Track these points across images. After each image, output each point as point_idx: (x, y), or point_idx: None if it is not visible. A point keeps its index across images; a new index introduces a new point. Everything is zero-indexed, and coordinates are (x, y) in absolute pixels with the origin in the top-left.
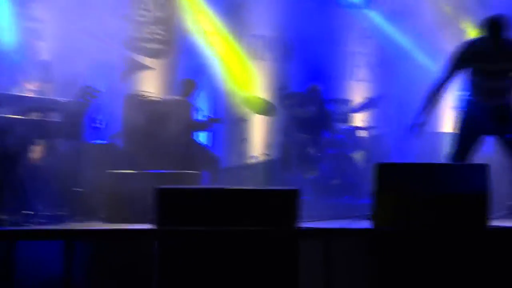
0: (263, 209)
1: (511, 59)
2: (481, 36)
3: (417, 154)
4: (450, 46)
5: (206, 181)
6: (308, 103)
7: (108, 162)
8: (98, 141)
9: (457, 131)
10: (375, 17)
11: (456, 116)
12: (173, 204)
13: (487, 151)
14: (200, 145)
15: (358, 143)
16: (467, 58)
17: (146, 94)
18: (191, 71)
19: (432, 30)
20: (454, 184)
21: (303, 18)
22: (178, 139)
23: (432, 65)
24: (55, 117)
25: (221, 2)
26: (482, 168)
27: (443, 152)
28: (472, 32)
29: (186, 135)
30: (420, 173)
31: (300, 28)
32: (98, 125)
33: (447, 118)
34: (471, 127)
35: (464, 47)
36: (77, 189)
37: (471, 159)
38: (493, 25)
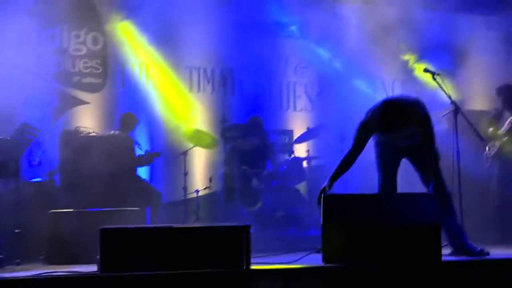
0: (213, 248)
1: (409, 126)
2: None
3: (359, 184)
4: (382, 68)
5: (148, 217)
6: (249, 134)
7: (47, 201)
8: (36, 179)
9: (377, 159)
10: (311, 45)
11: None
12: (117, 245)
13: None
14: (141, 180)
15: (301, 173)
16: (371, 127)
17: (83, 129)
18: (128, 104)
19: (363, 54)
20: (404, 214)
21: (241, 48)
22: (119, 175)
23: (369, 89)
24: None
25: (157, 33)
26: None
27: None
28: (405, 55)
29: (127, 171)
30: (368, 204)
31: (239, 59)
32: (35, 162)
33: None
34: (387, 152)
35: (368, 117)
36: (15, 230)
37: (395, 184)
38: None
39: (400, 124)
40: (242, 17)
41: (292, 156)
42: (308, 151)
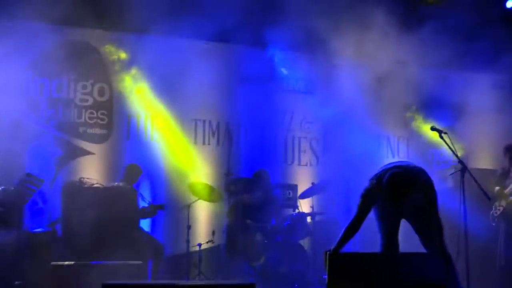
0: None
1: (413, 193)
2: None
3: (363, 240)
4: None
5: (149, 270)
6: (254, 188)
7: (48, 252)
8: (38, 230)
9: (378, 220)
10: (316, 100)
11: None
12: None
13: None
14: (144, 232)
15: (305, 229)
16: (376, 196)
17: (87, 180)
18: (133, 155)
19: (369, 110)
20: (410, 274)
21: (246, 102)
22: (121, 227)
23: (374, 146)
24: None
25: (162, 86)
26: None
27: None
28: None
29: (129, 223)
30: (373, 263)
31: (244, 113)
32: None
33: None
34: (389, 213)
35: (372, 185)
36: (16, 282)
37: (397, 244)
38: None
39: (405, 193)
40: (248, 70)
41: (297, 211)
42: (312, 206)
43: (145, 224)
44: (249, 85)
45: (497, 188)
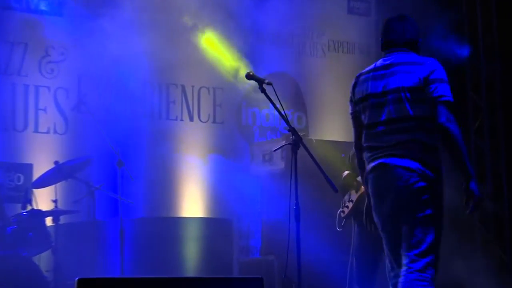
0: None
1: None
2: None
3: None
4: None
5: None
6: None
7: None
8: None
9: None
10: (67, 27)
11: None
12: None
13: None
14: None
15: (43, 238)
16: None
17: None
18: None
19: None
20: None
21: None
22: None
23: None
24: None
25: None
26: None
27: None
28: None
29: None
30: None
31: None
32: None
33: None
34: None
35: None
36: None
37: None
38: None
39: None
40: None
41: (29, 208)
42: (56, 200)
43: None
44: None
45: (346, 172)
